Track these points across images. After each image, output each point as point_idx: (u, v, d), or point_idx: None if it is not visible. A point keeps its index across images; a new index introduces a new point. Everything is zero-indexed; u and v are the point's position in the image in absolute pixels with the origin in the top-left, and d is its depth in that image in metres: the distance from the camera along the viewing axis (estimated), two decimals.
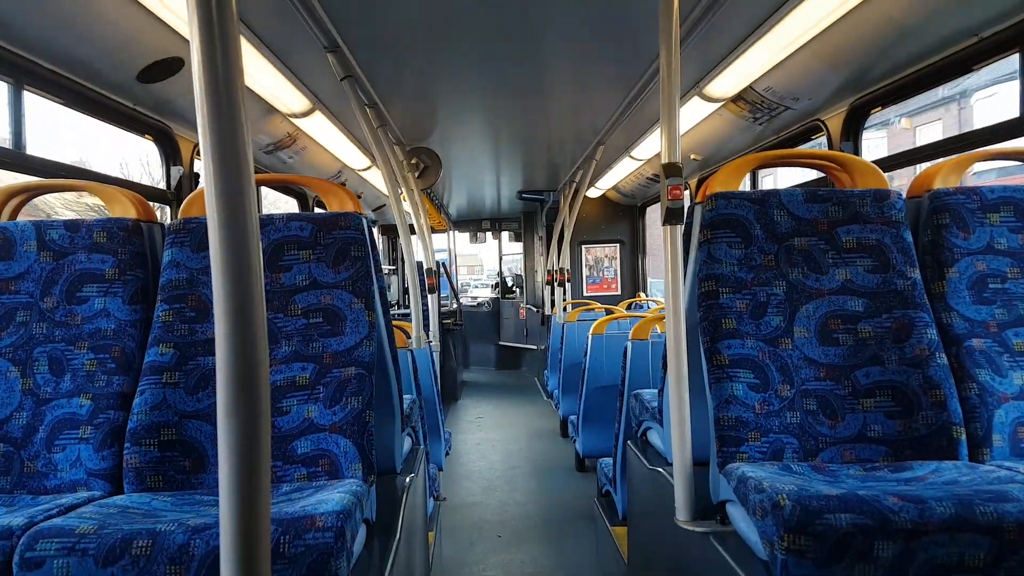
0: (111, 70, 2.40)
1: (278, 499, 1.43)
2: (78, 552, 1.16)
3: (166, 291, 1.73)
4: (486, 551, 3.50)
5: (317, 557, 1.18)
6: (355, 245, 1.78)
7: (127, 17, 2.15)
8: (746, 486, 1.36)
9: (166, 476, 1.59)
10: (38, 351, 1.70)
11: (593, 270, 8.18)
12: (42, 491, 1.60)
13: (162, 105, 2.78)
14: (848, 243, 1.75)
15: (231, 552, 0.80)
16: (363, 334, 1.71)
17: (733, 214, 1.77)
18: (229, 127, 0.80)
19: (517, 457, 5.35)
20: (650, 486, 2.10)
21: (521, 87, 3.62)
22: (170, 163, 3.03)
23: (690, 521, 1.68)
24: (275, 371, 1.67)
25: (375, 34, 2.74)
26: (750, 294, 1.72)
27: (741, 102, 3.49)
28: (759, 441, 1.59)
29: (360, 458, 1.61)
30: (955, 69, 2.42)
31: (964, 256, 1.75)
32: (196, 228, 1.78)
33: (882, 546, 1.15)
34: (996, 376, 1.64)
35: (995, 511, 1.16)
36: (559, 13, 2.56)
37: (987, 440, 1.60)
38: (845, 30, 2.47)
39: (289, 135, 3.84)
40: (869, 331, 1.68)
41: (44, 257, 1.77)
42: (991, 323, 1.70)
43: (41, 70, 2.20)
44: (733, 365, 1.65)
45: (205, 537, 1.17)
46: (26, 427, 1.64)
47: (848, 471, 1.51)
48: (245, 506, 0.80)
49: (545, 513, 4.06)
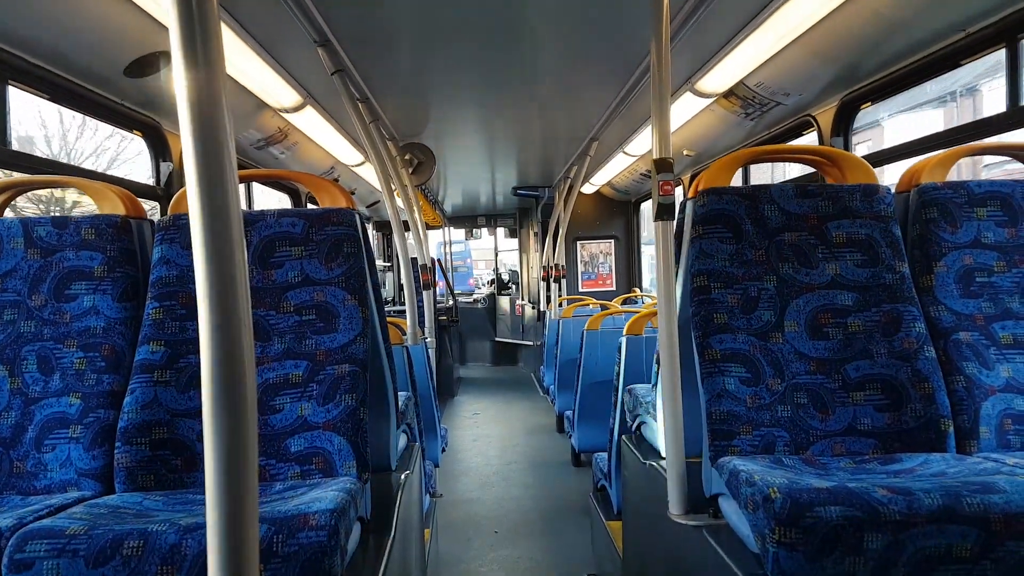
0: (97, 64, 2.37)
1: (271, 497, 1.42)
2: (68, 553, 1.16)
3: (156, 288, 1.72)
4: (482, 547, 3.51)
5: (311, 555, 1.17)
6: (348, 241, 1.77)
7: (113, 10, 2.13)
8: (737, 479, 1.36)
9: (157, 475, 1.59)
10: (26, 350, 1.69)
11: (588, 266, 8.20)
12: (32, 491, 1.59)
13: (150, 100, 2.75)
14: (838, 238, 1.76)
15: (219, 552, 0.80)
16: (357, 331, 1.71)
17: (724, 209, 1.77)
18: (210, 120, 0.79)
19: (513, 453, 5.36)
20: (644, 480, 2.11)
21: (514, 82, 3.62)
22: (159, 159, 3.00)
23: (683, 515, 1.68)
24: (267, 369, 1.67)
25: (366, 28, 2.73)
26: (741, 289, 1.72)
27: (733, 97, 3.49)
28: (751, 434, 1.60)
29: (354, 455, 1.61)
30: (943, 64, 2.43)
31: (952, 250, 1.76)
32: (186, 224, 1.77)
33: (871, 538, 1.16)
34: (983, 369, 1.65)
35: (982, 502, 1.17)
36: (551, 8, 2.56)
37: (974, 432, 1.61)
38: (835, 25, 2.47)
39: (280, 130, 3.82)
40: (859, 325, 1.69)
41: (31, 254, 1.75)
42: (978, 316, 1.71)
43: (25, 64, 2.18)
44: (725, 359, 1.65)
45: (197, 537, 1.17)
46: (15, 427, 1.63)
47: (838, 464, 1.51)
48: (232, 505, 0.80)
49: (541, 508, 4.07)
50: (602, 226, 8.09)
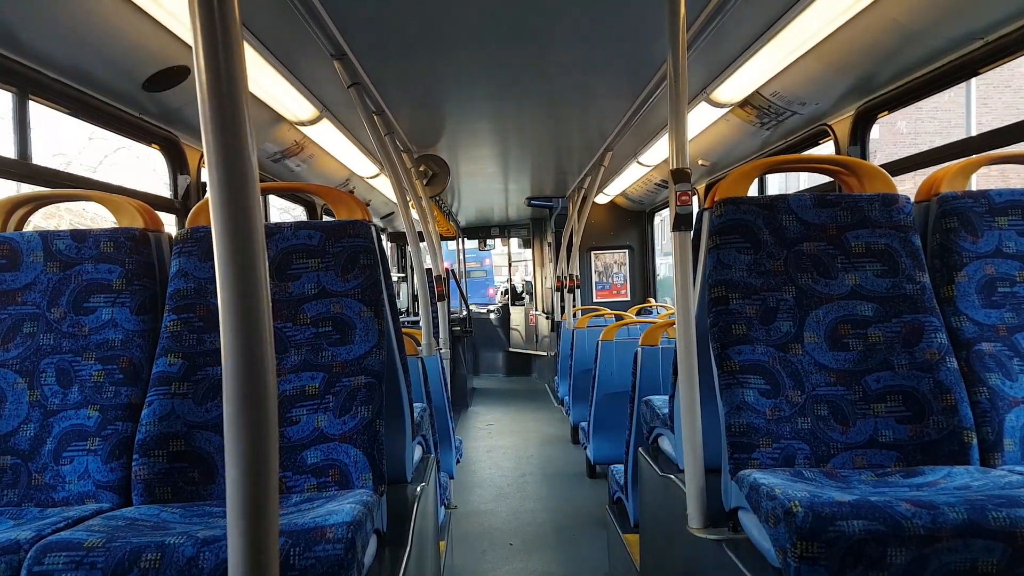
0: (116, 79, 2.40)
1: (288, 510, 1.42)
2: (86, 566, 1.16)
3: (174, 301, 1.73)
4: (497, 559, 3.49)
5: (328, 569, 1.17)
6: (364, 253, 1.78)
7: (132, 26, 2.16)
8: (758, 493, 1.34)
9: (175, 487, 1.59)
10: (45, 362, 1.70)
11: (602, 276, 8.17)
12: (50, 504, 1.60)
13: (168, 114, 2.79)
14: (857, 248, 1.74)
15: (239, 566, 0.80)
16: (373, 343, 1.71)
17: (742, 219, 1.76)
18: (233, 135, 0.79)
19: (528, 464, 5.33)
20: (662, 493, 2.09)
21: (528, 93, 3.63)
22: (177, 172, 3.04)
23: (702, 528, 1.66)
24: (284, 381, 1.67)
25: (382, 41, 2.75)
26: (760, 299, 1.70)
27: (748, 107, 3.48)
28: (770, 447, 1.58)
29: (370, 468, 1.60)
30: (961, 73, 2.41)
31: (973, 260, 1.73)
32: (203, 237, 1.78)
33: (895, 553, 1.14)
34: (1006, 380, 1.62)
35: (1008, 516, 1.14)
36: (566, 19, 2.57)
37: (998, 445, 1.58)
38: (851, 34, 2.46)
39: (296, 143, 3.86)
40: (879, 336, 1.67)
41: (51, 267, 1.77)
42: (1001, 327, 1.68)
43: (46, 79, 2.21)
44: (744, 371, 1.63)
45: (215, 549, 1.17)
46: (33, 439, 1.64)
47: (860, 477, 1.49)
48: (253, 518, 0.80)
49: (557, 520, 4.04)
50: (616, 236, 8.07)
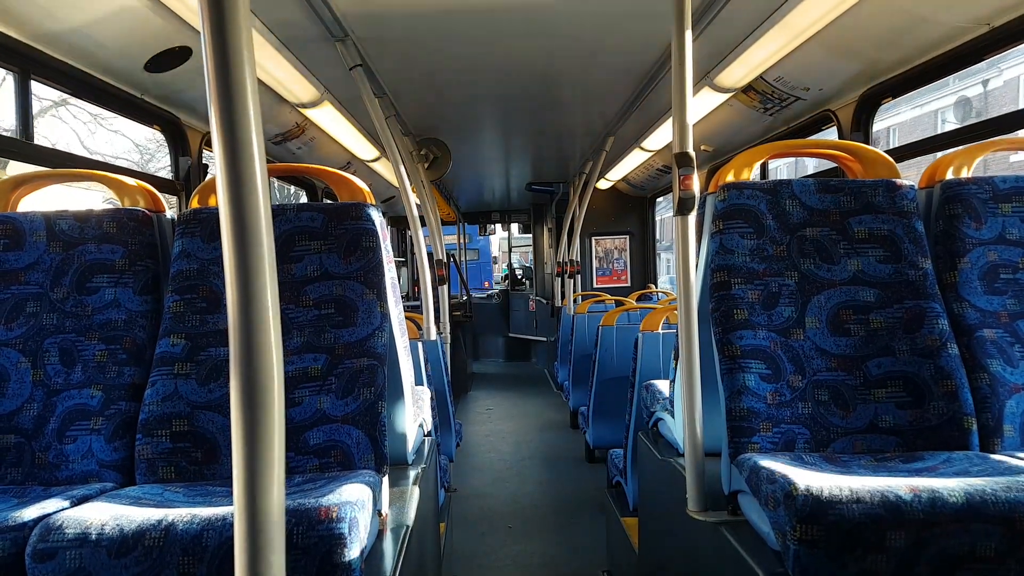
0: (118, 59, 2.39)
1: (291, 490, 1.43)
2: (90, 544, 1.17)
3: (176, 281, 1.74)
4: (497, 542, 3.52)
5: (330, 548, 1.18)
6: (366, 236, 1.78)
7: (134, 6, 2.15)
8: (758, 476, 1.35)
9: (178, 467, 1.60)
10: (48, 342, 1.70)
11: (603, 262, 8.17)
12: (53, 482, 1.61)
13: (170, 95, 2.78)
14: (860, 233, 1.74)
15: (245, 543, 0.80)
16: (375, 325, 1.71)
17: (745, 204, 1.76)
18: (241, 117, 0.79)
19: (527, 448, 5.37)
20: (661, 477, 2.10)
21: (531, 77, 3.60)
22: (178, 153, 3.03)
23: (701, 511, 1.68)
24: (287, 362, 1.67)
25: (384, 23, 2.73)
26: (762, 284, 1.70)
27: (751, 92, 3.46)
28: (771, 431, 1.59)
29: (372, 449, 1.61)
30: (966, 58, 2.39)
31: (976, 246, 1.73)
32: (206, 218, 1.78)
33: (894, 536, 1.15)
34: (1007, 366, 1.63)
35: (1007, 501, 1.15)
36: (570, 2, 2.55)
37: (998, 430, 1.59)
38: (855, 19, 2.44)
39: (298, 125, 3.84)
40: (880, 321, 1.67)
41: (54, 248, 1.77)
42: (1003, 313, 1.68)
43: (47, 59, 2.20)
44: (745, 356, 1.64)
45: (218, 528, 1.18)
46: (37, 418, 1.64)
47: (859, 461, 1.50)
48: (259, 498, 0.80)
49: (555, 504, 4.07)
50: (617, 222, 8.05)
